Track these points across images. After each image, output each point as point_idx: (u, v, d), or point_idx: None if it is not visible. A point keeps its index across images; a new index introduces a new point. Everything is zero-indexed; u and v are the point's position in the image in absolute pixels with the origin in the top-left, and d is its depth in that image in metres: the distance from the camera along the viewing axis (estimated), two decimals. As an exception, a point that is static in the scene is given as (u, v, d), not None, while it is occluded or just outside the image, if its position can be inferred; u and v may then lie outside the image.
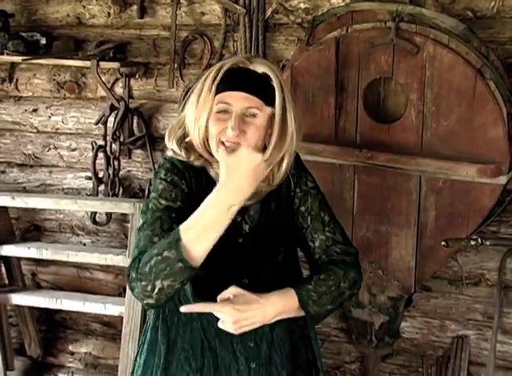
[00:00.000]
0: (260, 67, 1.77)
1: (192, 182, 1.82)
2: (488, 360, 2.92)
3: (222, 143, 1.74)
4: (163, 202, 1.76)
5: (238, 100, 1.72)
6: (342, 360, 3.30)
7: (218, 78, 1.74)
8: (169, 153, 1.86)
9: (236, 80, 1.74)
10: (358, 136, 2.76)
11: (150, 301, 1.67)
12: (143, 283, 1.64)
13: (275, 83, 1.76)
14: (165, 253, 1.61)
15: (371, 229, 2.82)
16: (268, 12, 3.08)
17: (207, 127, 1.77)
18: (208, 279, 1.71)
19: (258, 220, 1.86)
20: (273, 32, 3.12)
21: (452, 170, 2.62)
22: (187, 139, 1.83)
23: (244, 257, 1.83)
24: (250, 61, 1.79)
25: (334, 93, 2.75)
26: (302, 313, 1.77)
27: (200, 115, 1.77)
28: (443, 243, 2.39)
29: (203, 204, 1.63)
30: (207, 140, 1.79)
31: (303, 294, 1.75)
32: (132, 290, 1.69)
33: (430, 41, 2.59)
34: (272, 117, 1.78)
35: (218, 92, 1.75)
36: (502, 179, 2.59)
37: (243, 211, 1.79)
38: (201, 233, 1.62)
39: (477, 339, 3.04)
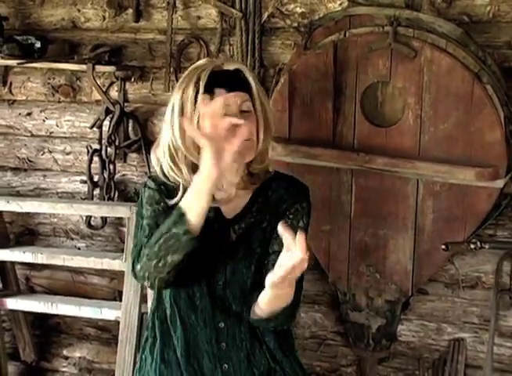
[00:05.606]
0: (231, 65, 1.85)
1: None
2: (485, 363, 2.92)
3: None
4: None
5: (234, 100, 1.80)
6: (338, 364, 3.30)
7: (203, 83, 1.79)
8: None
9: (224, 81, 1.80)
10: (355, 140, 2.77)
11: (162, 275, 1.81)
12: (154, 261, 1.79)
13: (248, 75, 1.86)
14: (173, 230, 1.75)
15: (368, 232, 2.83)
16: (265, 16, 3.07)
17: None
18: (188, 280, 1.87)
19: (247, 230, 1.94)
20: (269, 36, 3.11)
21: (450, 174, 2.63)
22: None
23: (226, 260, 1.92)
24: (221, 62, 1.86)
25: (332, 97, 2.75)
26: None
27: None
28: (443, 246, 2.40)
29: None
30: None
31: None
32: (138, 274, 1.85)
33: (428, 46, 2.60)
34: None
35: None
36: (500, 183, 2.61)
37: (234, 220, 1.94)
38: (195, 202, 1.75)
39: (473, 342, 3.04)
